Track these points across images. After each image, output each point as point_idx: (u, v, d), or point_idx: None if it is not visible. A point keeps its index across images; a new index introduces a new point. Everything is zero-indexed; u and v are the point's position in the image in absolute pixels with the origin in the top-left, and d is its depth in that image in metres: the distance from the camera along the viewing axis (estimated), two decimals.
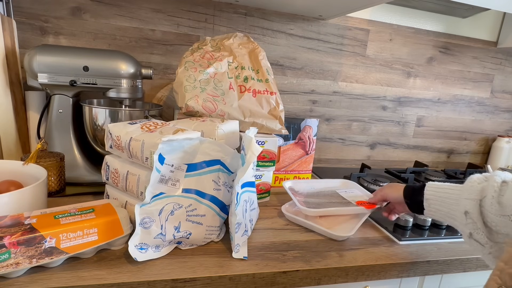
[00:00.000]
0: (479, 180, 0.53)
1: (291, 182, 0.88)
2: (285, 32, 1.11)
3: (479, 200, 0.51)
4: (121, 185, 0.64)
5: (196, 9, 1.01)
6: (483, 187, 0.52)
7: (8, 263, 0.45)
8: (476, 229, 0.51)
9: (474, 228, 0.51)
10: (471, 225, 0.52)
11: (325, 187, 0.91)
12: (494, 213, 0.49)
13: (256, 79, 0.83)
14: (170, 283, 0.52)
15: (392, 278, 0.65)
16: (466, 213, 0.52)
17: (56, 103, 0.80)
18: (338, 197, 0.84)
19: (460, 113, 1.41)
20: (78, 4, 0.93)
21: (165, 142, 0.55)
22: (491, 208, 0.49)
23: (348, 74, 1.22)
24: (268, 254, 0.62)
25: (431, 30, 1.26)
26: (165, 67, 1.04)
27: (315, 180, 0.94)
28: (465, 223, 0.52)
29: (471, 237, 0.52)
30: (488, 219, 0.50)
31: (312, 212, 0.75)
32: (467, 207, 0.52)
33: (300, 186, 0.89)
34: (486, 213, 0.50)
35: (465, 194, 0.53)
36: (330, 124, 1.25)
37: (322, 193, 0.87)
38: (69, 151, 0.81)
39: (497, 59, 1.38)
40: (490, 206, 0.49)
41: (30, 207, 0.57)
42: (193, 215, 0.59)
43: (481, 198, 0.51)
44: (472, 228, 0.51)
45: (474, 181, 0.54)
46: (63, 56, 0.76)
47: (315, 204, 0.79)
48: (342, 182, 0.94)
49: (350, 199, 0.81)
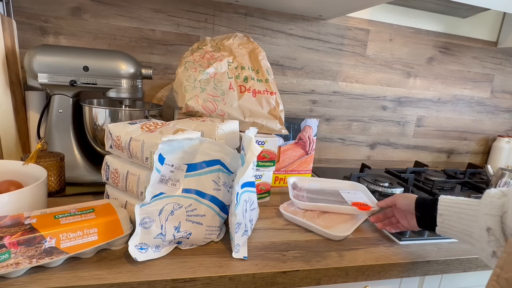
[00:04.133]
0: (498, 196, 0.51)
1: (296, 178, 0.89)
2: (285, 32, 1.11)
3: (500, 216, 0.49)
4: (121, 185, 0.64)
5: (196, 9, 1.01)
6: (503, 202, 0.49)
7: (8, 263, 0.45)
8: (500, 246, 0.48)
9: (497, 245, 0.48)
10: (494, 243, 0.49)
11: (330, 186, 0.91)
12: None
13: (256, 79, 0.83)
14: (170, 283, 0.52)
15: (392, 278, 0.65)
16: (488, 230, 0.49)
17: (56, 103, 0.80)
18: (338, 196, 0.84)
19: (460, 113, 1.41)
20: (78, 4, 0.93)
21: (165, 142, 0.55)
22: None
23: (348, 74, 1.22)
24: (268, 254, 0.62)
25: (431, 30, 1.26)
26: (165, 67, 1.04)
27: (323, 179, 0.94)
28: (487, 241, 0.49)
29: (495, 255, 0.49)
30: (509, 236, 0.47)
31: (302, 205, 0.76)
32: (489, 223, 0.49)
33: (304, 182, 0.90)
34: (507, 230, 0.48)
35: (484, 209, 0.51)
36: (330, 124, 1.25)
37: (323, 191, 0.87)
38: (69, 151, 0.81)
39: (497, 59, 1.38)
40: (511, 222, 0.47)
41: (30, 207, 0.57)
42: (193, 215, 0.59)
43: (502, 214, 0.49)
44: (496, 245, 0.48)
45: (492, 195, 0.51)
46: (63, 56, 0.76)
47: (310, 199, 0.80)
48: (350, 184, 0.94)
49: (348, 200, 0.81)
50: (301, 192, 0.85)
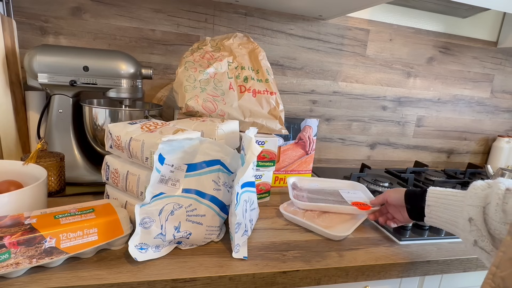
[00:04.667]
0: (482, 187, 0.53)
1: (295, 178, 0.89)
2: (285, 32, 1.11)
3: (483, 207, 0.51)
4: (121, 185, 0.64)
5: (196, 9, 1.01)
6: (486, 194, 0.51)
7: (8, 263, 0.45)
8: (481, 236, 0.50)
9: (479, 235, 0.51)
10: (476, 232, 0.51)
11: (329, 186, 0.91)
12: (498, 221, 0.48)
13: (256, 79, 0.83)
14: (170, 283, 0.52)
15: (392, 278, 0.65)
16: (470, 220, 0.51)
17: (56, 103, 0.80)
18: (338, 196, 0.84)
19: (460, 113, 1.41)
20: (78, 4, 0.93)
21: (165, 142, 0.55)
22: (495, 215, 0.49)
23: (348, 74, 1.22)
24: (268, 254, 0.62)
25: (431, 30, 1.26)
26: (165, 67, 1.04)
27: (323, 179, 0.94)
28: (469, 230, 0.52)
29: (476, 244, 0.51)
30: (491, 227, 0.49)
31: (302, 205, 0.76)
32: (471, 214, 0.51)
33: (304, 182, 0.90)
34: (489, 221, 0.50)
35: (468, 200, 0.53)
36: (330, 124, 1.25)
37: (323, 191, 0.88)
38: (69, 151, 0.81)
39: (497, 59, 1.38)
40: (494, 214, 0.49)
41: (30, 207, 0.57)
42: (193, 215, 0.59)
43: (485, 205, 0.50)
44: (477, 235, 0.51)
45: (477, 187, 0.53)
46: (63, 56, 0.76)
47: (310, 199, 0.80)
48: (350, 183, 0.94)
49: (348, 200, 0.81)
50: (301, 192, 0.85)
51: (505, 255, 0.36)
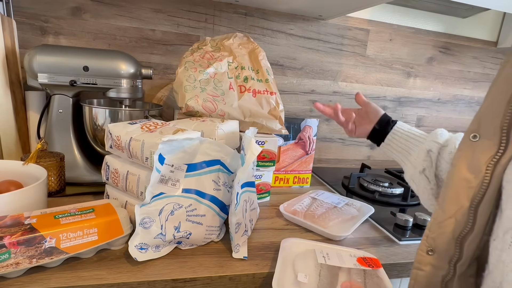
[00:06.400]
0: (446, 132, 0.61)
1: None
2: (285, 32, 1.11)
3: (441, 146, 0.59)
4: (121, 185, 0.64)
5: (196, 9, 1.01)
6: (448, 137, 0.60)
7: (8, 263, 0.45)
8: (430, 167, 0.59)
9: (429, 165, 0.59)
10: (428, 163, 0.59)
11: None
12: (448, 161, 0.57)
13: (256, 79, 0.83)
14: (170, 283, 0.52)
15: (392, 278, 0.65)
16: (429, 151, 0.59)
17: (56, 103, 0.80)
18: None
19: (460, 113, 1.41)
20: (78, 4, 0.93)
21: (165, 142, 0.55)
22: (448, 157, 0.57)
23: (348, 74, 1.22)
24: (268, 254, 0.62)
25: (431, 30, 1.26)
26: (165, 67, 1.04)
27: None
28: (423, 159, 0.59)
29: (423, 172, 0.59)
30: (439, 165, 0.58)
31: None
32: (431, 147, 0.59)
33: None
34: (440, 160, 0.58)
35: (432, 137, 0.60)
36: (330, 124, 1.25)
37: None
38: (69, 151, 0.81)
39: (497, 59, 1.38)
40: (448, 155, 0.57)
41: (30, 207, 0.57)
42: (193, 215, 0.59)
43: (444, 146, 0.58)
44: (428, 165, 0.59)
45: (442, 130, 0.62)
46: (63, 56, 0.76)
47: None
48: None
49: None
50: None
51: (435, 220, 0.43)
